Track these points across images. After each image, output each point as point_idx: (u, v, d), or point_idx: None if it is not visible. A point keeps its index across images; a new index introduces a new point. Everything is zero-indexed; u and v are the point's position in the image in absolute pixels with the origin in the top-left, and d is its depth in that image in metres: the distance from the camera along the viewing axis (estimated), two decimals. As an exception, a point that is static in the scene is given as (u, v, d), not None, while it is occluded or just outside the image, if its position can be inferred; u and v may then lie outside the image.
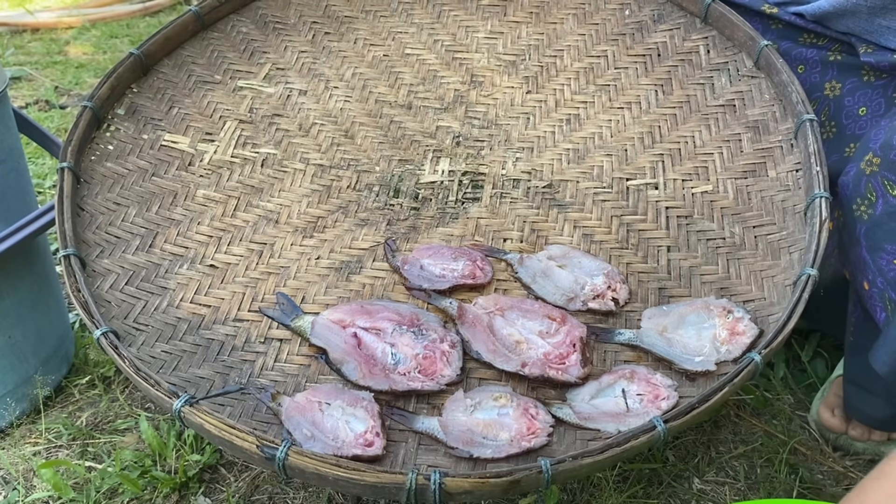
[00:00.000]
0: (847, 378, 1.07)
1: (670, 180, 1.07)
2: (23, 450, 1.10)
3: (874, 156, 0.92)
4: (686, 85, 1.16)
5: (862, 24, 1.03)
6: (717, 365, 0.87)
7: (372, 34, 1.27)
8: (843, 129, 1.06)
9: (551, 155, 1.12)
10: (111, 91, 1.11)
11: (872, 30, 1.02)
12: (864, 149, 0.96)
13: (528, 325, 0.92)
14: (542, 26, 1.27)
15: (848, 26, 1.05)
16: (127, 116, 1.12)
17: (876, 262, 0.92)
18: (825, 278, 1.07)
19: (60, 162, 1.01)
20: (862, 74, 1.05)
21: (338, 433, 0.81)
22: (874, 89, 1.04)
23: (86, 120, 1.06)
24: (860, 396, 1.05)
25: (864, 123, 1.03)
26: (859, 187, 0.93)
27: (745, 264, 0.97)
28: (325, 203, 1.07)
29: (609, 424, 0.83)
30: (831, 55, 1.08)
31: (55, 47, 2.48)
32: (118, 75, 1.12)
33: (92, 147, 1.07)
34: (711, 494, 1.03)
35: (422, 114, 1.18)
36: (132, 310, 0.94)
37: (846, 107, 1.06)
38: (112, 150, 1.08)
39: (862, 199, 0.93)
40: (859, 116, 1.04)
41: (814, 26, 1.09)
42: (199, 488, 1.04)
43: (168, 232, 1.03)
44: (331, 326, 0.92)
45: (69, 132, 1.04)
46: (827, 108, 1.08)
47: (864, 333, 1.02)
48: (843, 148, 1.05)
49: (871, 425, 1.08)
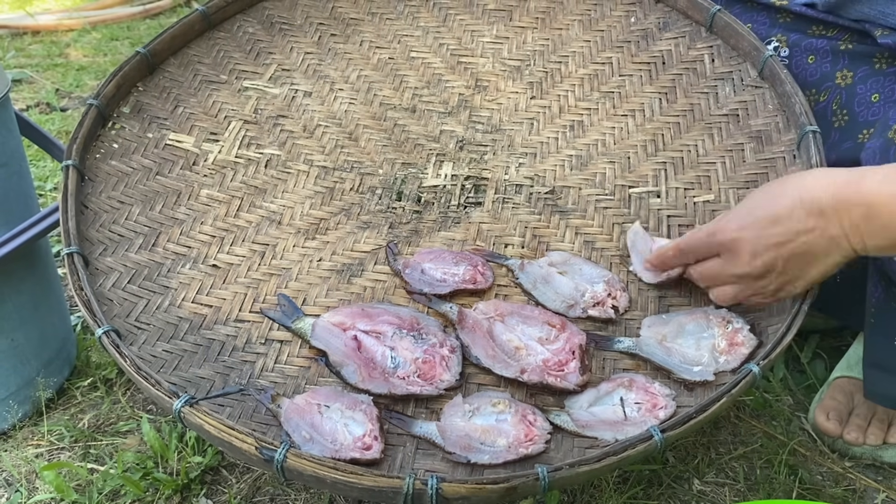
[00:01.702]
0: (868, 362, 1.06)
1: (672, 189, 1.08)
2: (25, 452, 1.11)
3: None
4: (690, 93, 1.16)
5: (879, 8, 1.03)
6: (715, 375, 0.87)
7: (378, 37, 1.28)
8: (855, 117, 1.06)
9: (554, 161, 1.12)
10: (117, 89, 1.11)
11: (890, 12, 1.02)
12: (885, 125, 0.96)
13: (528, 332, 0.92)
14: (548, 32, 1.27)
15: (864, 11, 1.05)
16: (132, 115, 1.13)
17: None
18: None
19: (65, 159, 1.01)
20: (874, 62, 1.06)
21: (336, 436, 0.82)
22: (886, 76, 1.04)
23: (91, 118, 1.07)
24: (884, 379, 1.04)
25: (877, 110, 1.04)
26: (888, 156, 0.93)
27: (746, 274, 0.97)
28: (328, 205, 1.08)
29: (607, 432, 0.83)
30: (842, 44, 1.08)
31: (56, 50, 2.49)
32: (124, 74, 1.12)
33: (97, 145, 1.08)
34: (711, 496, 1.03)
35: (426, 117, 1.18)
36: (134, 308, 0.94)
37: (858, 94, 1.06)
38: (117, 148, 1.09)
39: None
40: (872, 103, 1.04)
41: (824, 16, 1.09)
42: (201, 490, 1.04)
43: (171, 231, 1.03)
44: (331, 329, 0.92)
45: (74, 130, 1.05)
46: (839, 96, 1.08)
47: (886, 314, 1.01)
48: (857, 135, 1.05)
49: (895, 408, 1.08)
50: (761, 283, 0.87)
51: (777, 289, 0.87)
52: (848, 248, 0.81)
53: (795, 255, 0.83)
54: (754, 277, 0.86)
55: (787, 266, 0.84)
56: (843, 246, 0.81)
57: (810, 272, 0.84)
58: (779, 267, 0.84)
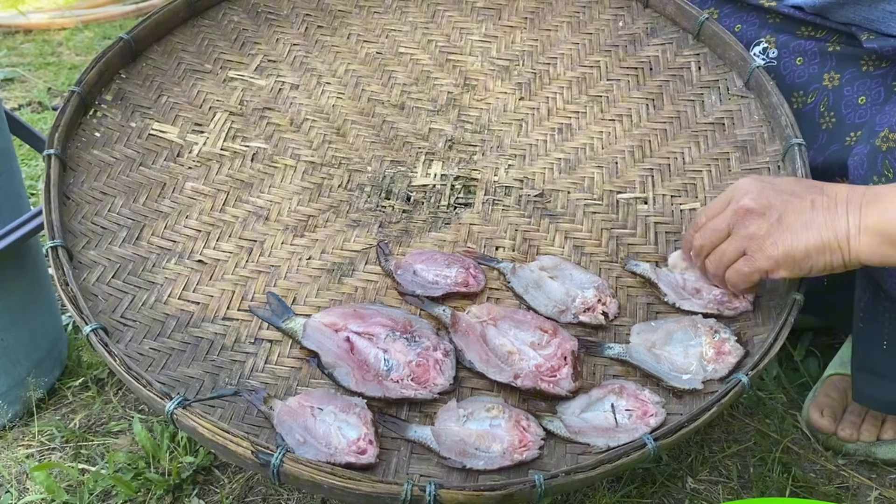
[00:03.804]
0: (856, 366, 1.08)
1: (659, 195, 1.09)
2: (16, 452, 1.09)
3: (891, 131, 0.94)
4: (677, 100, 1.18)
5: (865, 13, 1.04)
6: (703, 383, 0.89)
7: (365, 30, 1.26)
8: (842, 119, 1.08)
9: (543, 164, 1.13)
10: (99, 76, 1.08)
11: (875, 17, 1.04)
12: (872, 131, 0.98)
13: (521, 336, 0.92)
14: (536, 32, 1.27)
15: (849, 16, 1.06)
16: (114, 103, 1.10)
17: None
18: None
19: (47, 149, 0.98)
20: (861, 64, 1.08)
21: (330, 439, 0.81)
22: (873, 79, 1.06)
23: (73, 105, 1.03)
24: (872, 382, 1.07)
25: (863, 112, 1.05)
26: (875, 165, 0.95)
27: (731, 283, 0.99)
28: (316, 202, 1.07)
29: (598, 439, 0.84)
30: (830, 46, 1.10)
31: (48, 48, 2.45)
32: (107, 60, 1.09)
33: (78, 133, 1.05)
34: (705, 494, 1.05)
35: (414, 115, 1.18)
36: (119, 304, 0.92)
37: (846, 96, 1.08)
38: (99, 137, 1.06)
39: (879, 177, 0.94)
40: (859, 106, 1.06)
41: (812, 18, 1.11)
42: (193, 490, 1.03)
43: (155, 224, 1.01)
44: (323, 330, 0.91)
45: (55, 117, 1.02)
46: (826, 98, 1.10)
47: (874, 318, 1.03)
48: (844, 137, 1.07)
49: (885, 411, 1.10)
50: (747, 224, 0.87)
51: (753, 236, 0.86)
52: (838, 249, 0.83)
53: (795, 210, 0.85)
54: (746, 211, 0.87)
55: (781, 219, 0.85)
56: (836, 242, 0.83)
57: (792, 238, 0.85)
58: (773, 215, 0.85)
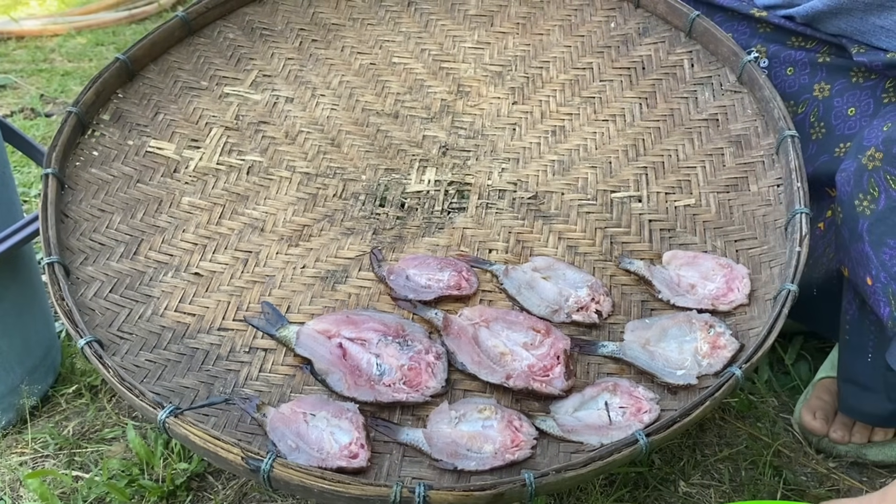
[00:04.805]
0: (842, 377, 1.08)
1: (654, 193, 1.08)
2: (9, 460, 1.10)
3: (876, 150, 0.93)
4: (670, 98, 1.17)
5: (855, 24, 1.04)
6: (698, 378, 0.88)
7: (359, 42, 1.27)
8: (832, 130, 1.07)
9: (536, 166, 1.13)
10: (97, 96, 1.10)
11: (865, 30, 1.04)
12: (860, 146, 0.97)
13: (513, 337, 0.92)
14: (529, 37, 1.27)
15: (840, 27, 1.06)
16: (112, 122, 1.12)
17: (879, 257, 0.93)
18: (817, 277, 1.09)
19: (45, 168, 1.00)
20: (851, 76, 1.07)
21: (322, 444, 0.82)
22: (863, 90, 1.06)
23: (70, 125, 1.06)
24: (857, 394, 1.06)
25: (853, 123, 1.05)
26: (861, 183, 0.94)
27: (727, 278, 0.98)
28: (311, 211, 1.08)
29: (592, 437, 0.83)
30: (820, 57, 1.10)
31: (40, 55, 2.47)
32: (104, 80, 1.11)
33: (76, 153, 1.07)
34: (697, 497, 1.04)
35: (408, 123, 1.18)
36: (116, 318, 0.94)
37: (835, 107, 1.08)
38: (97, 155, 1.08)
39: (864, 195, 0.94)
40: (848, 117, 1.06)
41: (803, 29, 1.10)
42: (187, 496, 1.04)
43: (153, 239, 1.02)
44: (316, 337, 0.92)
45: (54, 138, 1.04)
46: (816, 109, 1.09)
47: (860, 331, 1.03)
48: (833, 148, 1.06)
49: (869, 422, 1.09)
50: None
51: None
52: None
53: None
54: None
55: None
56: None
57: None
58: None
